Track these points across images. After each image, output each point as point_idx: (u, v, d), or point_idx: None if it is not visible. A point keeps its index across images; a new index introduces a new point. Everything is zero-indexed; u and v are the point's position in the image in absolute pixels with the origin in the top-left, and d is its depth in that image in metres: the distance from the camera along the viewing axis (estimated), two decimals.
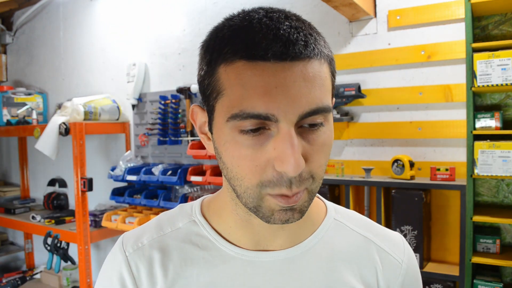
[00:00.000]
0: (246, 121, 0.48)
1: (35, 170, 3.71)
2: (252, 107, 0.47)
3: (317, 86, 0.49)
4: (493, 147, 1.67)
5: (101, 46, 3.18)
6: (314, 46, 0.49)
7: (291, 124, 0.48)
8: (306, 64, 0.48)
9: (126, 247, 0.63)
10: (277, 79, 0.47)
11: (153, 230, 0.65)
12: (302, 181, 0.50)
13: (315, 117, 0.49)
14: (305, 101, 0.48)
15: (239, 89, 0.48)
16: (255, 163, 0.50)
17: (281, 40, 0.47)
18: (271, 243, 0.61)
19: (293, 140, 0.48)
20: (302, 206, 0.53)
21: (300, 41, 0.47)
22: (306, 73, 0.48)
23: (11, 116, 3.28)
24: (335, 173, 2.14)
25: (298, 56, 0.47)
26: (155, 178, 2.59)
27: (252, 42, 0.47)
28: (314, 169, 0.52)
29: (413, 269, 0.67)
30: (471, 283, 1.73)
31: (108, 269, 0.64)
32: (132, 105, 2.93)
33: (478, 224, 1.90)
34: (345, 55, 2.19)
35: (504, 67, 1.64)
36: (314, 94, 0.48)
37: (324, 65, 0.50)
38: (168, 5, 2.82)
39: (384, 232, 0.68)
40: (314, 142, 0.51)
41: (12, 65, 3.89)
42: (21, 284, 3.17)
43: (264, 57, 0.46)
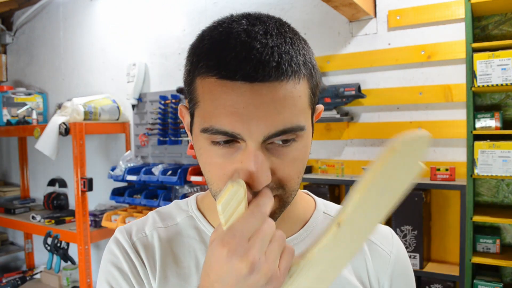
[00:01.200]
0: (216, 135, 0.50)
1: (35, 170, 3.70)
2: (220, 124, 0.49)
3: (287, 107, 0.49)
4: (493, 147, 1.67)
5: (101, 46, 3.18)
6: (287, 67, 0.48)
7: (257, 143, 0.49)
8: (276, 86, 0.48)
9: (131, 235, 0.66)
10: (245, 99, 0.47)
11: (154, 222, 0.68)
12: (269, 190, 0.52)
13: (283, 137, 0.50)
14: (271, 122, 0.48)
15: (210, 105, 0.50)
16: (223, 172, 0.52)
17: (251, 61, 0.47)
18: None
19: (258, 159, 0.49)
20: (274, 210, 0.54)
21: (272, 63, 0.47)
22: (275, 94, 0.48)
23: (11, 116, 3.28)
24: (335, 173, 2.14)
25: (267, 78, 0.47)
26: (155, 178, 2.59)
27: (224, 61, 0.48)
28: (284, 181, 0.53)
29: (403, 261, 0.68)
30: (471, 283, 1.73)
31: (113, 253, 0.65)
32: (132, 105, 2.93)
33: (478, 224, 1.90)
34: (345, 55, 2.18)
35: (504, 67, 1.64)
36: (282, 115, 0.49)
37: (299, 84, 0.51)
38: (168, 5, 2.82)
39: None
40: (284, 157, 0.52)
41: (12, 65, 3.89)
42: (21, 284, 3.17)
43: (233, 78, 0.47)
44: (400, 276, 0.67)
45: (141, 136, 2.88)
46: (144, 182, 2.68)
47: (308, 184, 2.16)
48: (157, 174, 2.59)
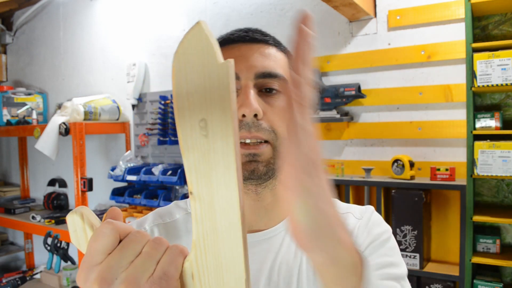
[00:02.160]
0: None
1: (35, 170, 3.70)
2: None
3: (271, 59, 0.65)
4: (493, 147, 1.67)
5: (101, 46, 3.18)
6: (270, 38, 0.68)
7: (249, 80, 0.63)
8: (263, 46, 0.66)
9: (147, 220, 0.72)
10: (240, 52, 0.65)
11: (153, 218, 0.73)
12: (261, 129, 0.61)
13: (269, 80, 0.64)
14: (259, 65, 0.64)
15: None
16: None
17: (245, 31, 0.68)
18: (256, 223, 0.69)
19: (249, 90, 0.62)
20: (267, 160, 0.62)
21: (259, 33, 0.68)
22: (262, 50, 0.66)
23: (11, 116, 3.28)
24: (335, 173, 2.14)
25: (256, 39, 0.66)
26: (155, 178, 2.59)
27: (226, 35, 0.69)
28: (274, 126, 0.63)
29: (373, 216, 0.71)
30: (471, 283, 1.73)
31: None
32: (132, 105, 2.93)
33: (478, 224, 1.90)
34: (345, 55, 2.18)
35: (504, 67, 1.64)
36: (267, 63, 0.64)
37: (280, 53, 0.67)
38: (168, 5, 2.82)
39: (353, 205, 0.75)
40: (272, 104, 0.63)
41: (12, 65, 3.89)
42: (21, 284, 3.17)
43: (232, 40, 0.66)
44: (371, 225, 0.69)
45: (141, 136, 2.88)
46: (144, 182, 2.68)
47: None
48: (157, 174, 2.59)
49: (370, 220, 0.71)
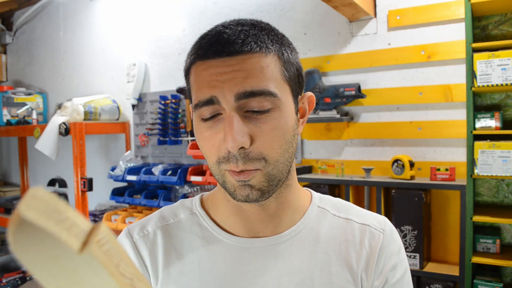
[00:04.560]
0: (203, 109, 0.58)
1: (35, 170, 3.70)
2: (203, 94, 0.58)
3: (254, 74, 0.57)
4: (493, 147, 1.67)
5: (101, 46, 3.18)
6: (252, 43, 0.58)
7: (231, 106, 0.57)
8: (243, 58, 0.57)
9: (133, 234, 0.70)
10: (218, 70, 0.57)
11: (157, 220, 0.71)
12: (250, 160, 0.57)
13: (256, 99, 0.57)
14: (240, 84, 0.56)
15: (196, 83, 0.60)
16: (212, 143, 0.59)
17: (220, 41, 0.58)
18: (262, 230, 0.67)
19: (232, 119, 0.56)
20: (260, 185, 0.59)
21: (238, 41, 0.57)
22: (243, 64, 0.57)
23: (11, 116, 3.28)
24: (335, 173, 2.14)
25: (233, 52, 0.57)
26: (155, 178, 2.59)
27: (201, 46, 0.60)
28: (265, 151, 0.58)
29: (396, 237, 0.71)
30: (471, 283, 1.73)
31: None
32: (132, 105, 2.93)
33: (478, 224, 1.90)
34: (345, 55, 2.18)
35: (504, 67, 1.64)
36: (249, 79, 0.56)
37: (268, 58, 0.59)
38: (168, 5, 2.82)
39: (366, 212, 0.73)
40: (262, 125, 0.58)
41: (12, 65, 3.89)
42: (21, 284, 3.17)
43: (207, 56, 0.58)
44: (393, 253, 0.69)
45: (141, 136, 2.88)
46: (144, 182, 2.68)
47: (308, 184, 2.16)
48: (157, 174, 2.59)
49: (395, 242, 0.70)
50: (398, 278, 0.68)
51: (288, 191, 0.67)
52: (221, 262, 0.65)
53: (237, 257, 0.65)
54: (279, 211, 0.67)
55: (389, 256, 0.68)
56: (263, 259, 0.65)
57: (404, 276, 0.69)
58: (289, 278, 0.64)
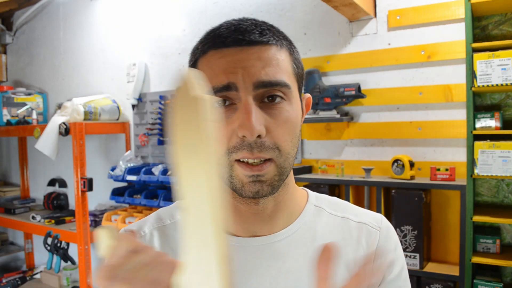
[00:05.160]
0: (216, 96, 0.57)
1: (35, 170, 3.70)
2: (218, 81, 0.57)
3: (272, 65, 0.58)
4: (493, 147, 1.67)
5: (101, 46, 3.18)
6: (269, 36, 0.59)
7: (249, 93, 0.56)
8: (261, 48, 0.58)
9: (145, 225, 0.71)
10: (236, 58, 0.57)
11: (154, 221, 0.72)
12: (264, 148, 0.57)
13: (271, 89, 0.57)
14: (258, 73, 0.57)
15: (209, 71, 0.59)
16: (222, 134, 0.57)
17: (239, 30, 0.58)
18: (259, 229, 0.66)
19: (250, 107, 0.56)
20: (271, 179, 0.59)
21: (256, 32, 0.59)
22: (261, 54, 0.58)
23: (11, 116, 3.28)
24: (335, 173, 2.14)
25: (253, 42, 0.58)
26: (155, 178, 2.59)
27: (218, 35, 0.60)
28: (278, 142, 0.58)
29: (392, 234, 0.71)
30: (471, 283, 1.73)
31: None
32: (132, 105, 2.93)
33: (478, 224, 1.90)
34: (345, 55, 2.18)
35: (504, 67, 1.64)
36: (267, 69, 0.57)
37: (282, 52, 0.60)
38: (168, 5, 2.82)
39: (362, 211, 0.74)
40: (276, 116, 0.58)
41: (12, 65, 3.89)
42: (21, 284, 3.17)
43: (226, 44, 0.58)
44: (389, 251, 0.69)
45: (141, 136, 2.88)
46: (144, 182, 2.68)
47: (308, 184, 2.16)
48: (157, 174, 2.59)
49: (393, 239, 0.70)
50: (395, 275, 0.68)
51: (285, 190, 0.66)
52: None
53: (235, 257, 0.65)
54: (276, 210, 0.66)
55: (386, 253, 0.69)
56: (260, 258, 0.65)
57: (401, 272, 0.69)
58: (286, 277, 0.64)
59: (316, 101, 2.16)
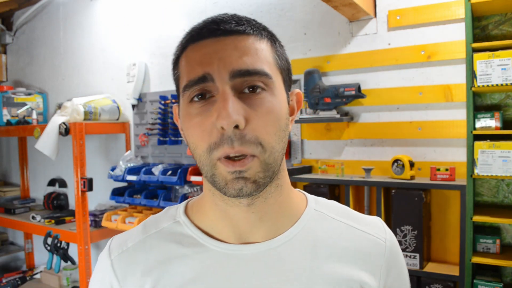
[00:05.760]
0: (194, 89, 0.56)
1: (35, 170, 3.70)
2: (194, 74, 0.56)
3: (250, 54, 0.56)
4: (493, 147, 1.67)
5: (101, 46, 3.18)
6: (246, 26, 0.58)
7: (225, 83, 0.55)
8: (238, 37, 0.57)
9: (112, 252, 0.67)
10: (211, 48, 0.56)
11: (138, 233, 0.69)
12: (246, 142, 0.54)
13: (249, 78, 0.55)
14: (235, 63, 0.55)
15: (187, 66, 0.58)
16: (202, 128, 0.56)
17: (215, 22, 0.58)
18: (252, 235, 0.62)
19: (227, 96, 0.54)
20: (255, 176, 0.55)
21: (232, 22, 0.58)
22: (237, 43, 0.56)
23: (11, 116, 3.28)
24: (335, 173, 2.14)
25: (229, 31, 0.57)
26: (155, 178, 2.59)
27: (195, 29, 0.61)
28: (261, 135, 0.55)
29: (396, 247, 0.69)
30: (471, 283, 1.73)
31: (97, 273, 0.68)
32: (132, 105, 2.93)
33: (478, 224, 1.90)
34: (345, 55, 2.19)
35: (504, 67, 1.64)
36: (244, 59, 0.56)
37: (262, 42, 0.59)
38: (168, 5, 2.82)
39: (363, 217, 0.71)
40: (257, 107, 0.56)
41: (12, 65, 3.89)
42: (21, 284, 3.17)
43: (202, 35, 0.58)
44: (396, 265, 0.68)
45: (141, 136, 2.88)
46: (144, 182, 2.68)
47: (308, 184, 2.16)
48: (157, 174, 2.59)
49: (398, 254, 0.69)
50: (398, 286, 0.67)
51: (278, 191, 0.63)
52: (206, 271, 0.61)
53: (225, 265, 0.61)
54: (270, 214, 0.62)
55: (392, 267, 0.66)
56: (253, 266, 0.61)
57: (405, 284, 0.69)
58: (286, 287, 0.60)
59: (316, 101, 2.16)
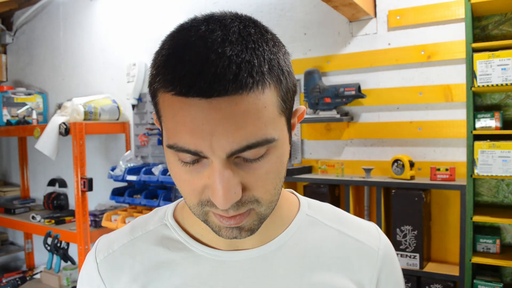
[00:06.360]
0: (182, 154, 0.48)
1: (35, 170, 3.70)
2: (183, 142, 0.47)
3: (250, 121, 0.46)
4: (493, 147, 1.67)
5: (101, 46, 3.18)
6: (247, 78, 0.45)
7: (221, 160, 0.47)
8: (236, 99, 0.45)
9: (98, 254, 0.65)
10: (204, 115, 0.45)
11: (125, 234, 0.66)
12: (243, 204, 0.50)
13: (250, 152, 0.48)
14: (233, 138, 0.46)
15: (172, 122, 0.48)
16: (193, 187, 0.50)
17: (206, 75, 0.44)
18: (242, 242, 0.60)
19: (223, 176, 0.47)
20: (251, 225, 0.53)
21: (229, 75, 0.44)
22: (235, 109, 0.45)
23: (11, 116, 3.28)
24: (335, 173, 2.14)
25: (224, 92, 0.44)
26: (155, 178, 2.59)
27: (178, 76, 0.45)
28: (259, 195, 0.51)
29: (391, 256, 0.67)
30: (471, 283, 1.73)
31: (84, 274, 0.67)
32: (132, 105, 2.93)
33: (478, 224, 1.90)
34: (345, 55, 2.18)
35: (504, 67, 1.64)
36: (244, 130, 0.46)
37: (264, 94, 0.47)
38: (168, 5, 2.82)
39: (358, 223, 0.68)
40: (256, 171, 0.49)
41: (12, 65, 3.89)
42: (21, 284, 3.17)
43: (188, 94, 0.45)
44: (390, 274, 0.66)
45: (141, 136, 2.88)
46: (144, 182, 2.68)
47: (308, 184, 2.16)
48: (157, 174, 2.59)
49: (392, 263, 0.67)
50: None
51: None
52: (194, 277, 0.60)
53: (212, 272, 0.60)
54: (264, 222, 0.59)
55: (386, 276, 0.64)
56: (242, 274, 0.59)
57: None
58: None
59: (316, 101, 2.16)
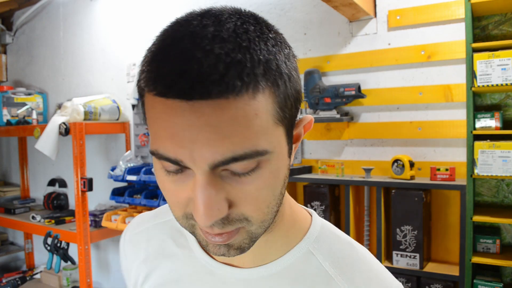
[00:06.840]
0: (164, 162, 0.44)
1: (35, 170, 3.70)
2: (163, 148, 0.42)
3: (237, 129, 0.40)
4: (493, 147, 1.67)
5: (101, 46, 3.18)
6: (234, 80, 0.39)
7: (204, 172, 0.41)
8: (221, 104, 0.39)
9: (127, 232, 0.72)
10: (185, 120, 0.39)
11: (151, 218, 0.70)
12: (230, 222, 0.44)
13: (237, 164, 0.41)
14: (216, 148, 0.40)
15: (154, 125, 0.43)
16: (177, 199, 0.46)
17: (188, 75, 0.38)
18: (237, 258, 0.56)
19: (204, 190, 0.41)
20: (240, 244, 0.47)
21: (214, 75, 0.38)
22: (221, 114, 0.39)
23: (11, 116, 3.28)
24: (335, 173, 2.14)
25: (207, 95, 0.38)
26: (155, 178, 2.58)
27: (159, 75, 0.40)
28: (248, 213, 0.45)
29: None
30: (471, 283, 1.73)
31: (120, 245, 0.74)
32: (132, 105, 2.93)
33: (478, 224, 1.90)
34: (345, 55, 2.18)
35: (504, 67, 1.64)
36: (229, 140, 0.40)
37: (255, 100, 0.40)
38: (168, 5, 2.82)
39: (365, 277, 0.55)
40: (244, 187, 0.43)
41: (12, 65, 3.89)
42: (21, 284, 3.17)
43: (168, 95, 0.39)
44: None
45: (141, 136, 2.88)
46: (144, 182, 2.68)
47: (308, 184, 2.16)
48: None
49: None
50: None
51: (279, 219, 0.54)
52: (187, 278, 0.60)
53: (204, 279, 0.58)
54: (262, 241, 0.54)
55: None
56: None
57: None
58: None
59: (316, 101, 2.16)
